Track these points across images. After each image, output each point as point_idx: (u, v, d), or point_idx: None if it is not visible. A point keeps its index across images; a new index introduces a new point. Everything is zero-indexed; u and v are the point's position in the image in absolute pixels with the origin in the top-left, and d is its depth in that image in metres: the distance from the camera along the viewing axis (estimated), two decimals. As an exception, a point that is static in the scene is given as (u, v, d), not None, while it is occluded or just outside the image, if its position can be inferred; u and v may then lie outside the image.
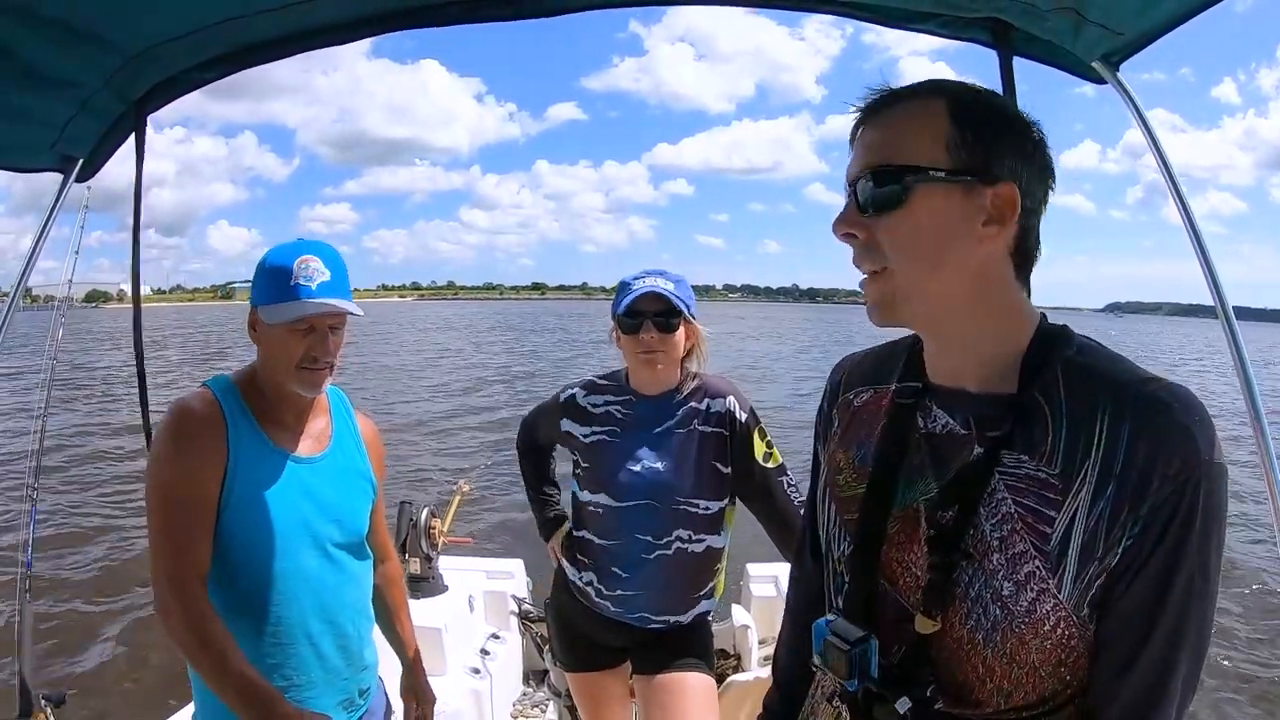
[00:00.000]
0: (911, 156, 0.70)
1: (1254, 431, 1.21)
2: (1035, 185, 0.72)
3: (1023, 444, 0.70)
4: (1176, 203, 1.30)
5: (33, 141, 1.41)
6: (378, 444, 1.48)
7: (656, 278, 1.63)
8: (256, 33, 1.38)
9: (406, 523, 2.93)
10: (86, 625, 5.13)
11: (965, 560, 0.71)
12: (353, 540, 1.36)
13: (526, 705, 2.98)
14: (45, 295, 3.61)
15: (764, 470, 1.64)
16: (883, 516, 0.78)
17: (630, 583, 1.65)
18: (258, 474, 1.24)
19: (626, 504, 1.63)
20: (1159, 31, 1.26)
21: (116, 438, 11.40)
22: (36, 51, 1.16)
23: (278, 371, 1.26)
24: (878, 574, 0.78)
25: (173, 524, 1.17)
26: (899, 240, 0.71)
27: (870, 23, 1.49)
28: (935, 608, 0.72)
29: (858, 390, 0.90)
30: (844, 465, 0.87)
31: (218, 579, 1.21)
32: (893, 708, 0.73)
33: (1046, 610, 0.67)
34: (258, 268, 1.27)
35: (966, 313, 0.73)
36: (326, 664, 1.30)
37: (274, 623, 1.24)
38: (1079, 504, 0.66)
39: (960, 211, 0.69)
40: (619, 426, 1.69)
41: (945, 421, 0.76)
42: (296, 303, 1.22)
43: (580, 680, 1.86)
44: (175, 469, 1.18)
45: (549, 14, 1.44)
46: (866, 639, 0.75)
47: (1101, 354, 0.72)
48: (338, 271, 1.27)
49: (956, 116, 0.70)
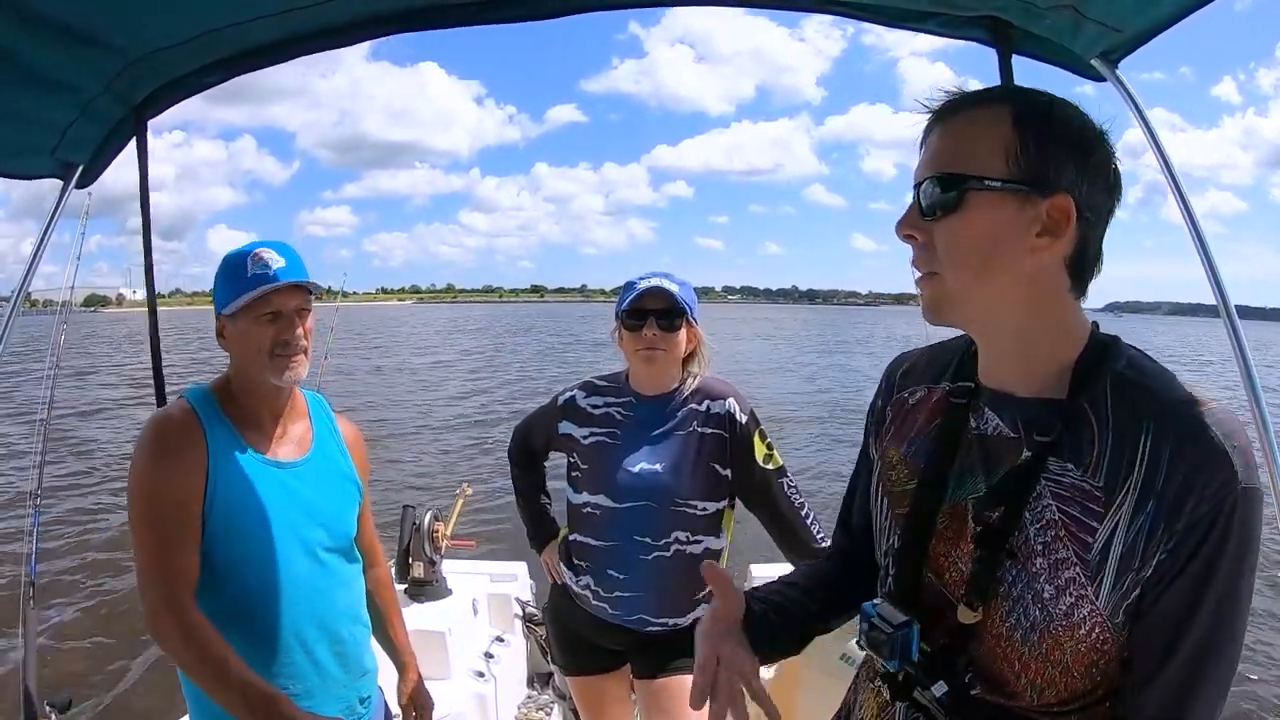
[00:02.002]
0: (971, 164, 0.71)
1: (1258, 433, 1.20)
2: (1097, 197, 0.72)
3: (1070, 452, 0.72)
4: (1177, 199, 1.30)
5: (32, 147, 1.41)
6: (360, 446, 1.47)
7: (662, 279, 1.64)
8: (256, 37, 1.38)
9: (410, 526, 2.93)
10: (91, 631, 5.13)
11: (1010, 560, 0.73)
12: (341, 544, 1.36)
13: (531, 708, 2.97)
14: (45, 300, 3.62)
15: (764, 472, 1.64)
16: (933, 512, 0.81)
17: (628, 584, 1.64)
18: (240, 481, 1.23)
19: (625, 505, 1.63)
20: (1158, 28, 1.26)
21: (124, 444, 11.41)
22: (36, 56, 1.16)
23: (252, 367, 1.26)
24: (925, 566, 0.81)
25: (158, 536, 1.17)
26: (952, 245, 0.72)
27: (869, 22, 1.49)
28: (977, 600, 0.74)
29: (912, 389, 0.92)
30: (896, 461, 0.89)
31: (206, 588, 1.20)
32: (930, 691, 0.76)
33: (1083, 615, 0.70)
34: (216, 276, 1.28)
35: (1017, 320, 0.74)
36: (323, 671, 1.29)
37: (266, 631, 1.23)
38: (1120, 517, 0.68)
39: (1014, 221, 0.70)
40: (618, 428, 1.69)
41: (996, 423, 0.78)
42: (258, 286, 1.23)
43: (581, 684, 1.86)
44: (156, 481, 1.18)
45: (548, 16, 1.44)
46: (909, 624, 0.78)
47: (1150, 369, 0.73)
48: (292, 259, 1.27)
49: (1019, 125, 0.70)
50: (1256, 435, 1.20)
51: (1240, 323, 1.25)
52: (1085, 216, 0.71)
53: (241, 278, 1.24)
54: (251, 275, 1.23)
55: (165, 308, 1.92)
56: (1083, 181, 0.70)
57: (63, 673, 4.48)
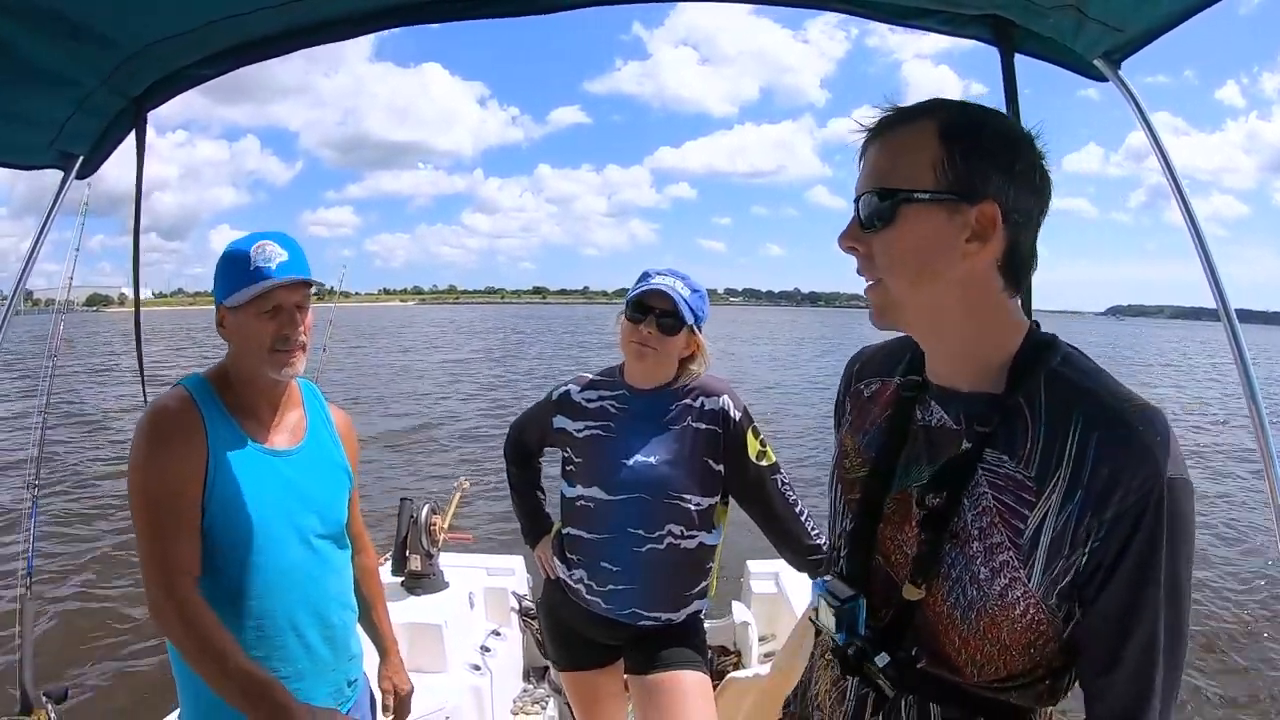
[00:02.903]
0: (901, 178, 0.75)
1: (1255, 433, 1.21)
2: (1024, 200, 0.75)
3: (1005, 444, 0.76)
4: (1177, 199, 1.30)
5: (32, 139, 1.40)
6: (351, 434, 1.50)
7: (676, 280, 1.64)
8: (256, 29, 1.38)
9: (407, 520, 2.94)
10: (88, 622, 5.13)
11: (951, 541, 0.78)
12: (334, 531, 1.38)
13: (527, 701, 2.98)
14: (46, 299, 3.62)
15: (758, 469, 1.65)
16: (881, 498, 0.86)
17: (621, 577, 1.65)
18: (238, 469, 1.24)
19: (618, 497, 1.63)
20: (1160, 29, 1.25)
21: (119, 435, 11.41)
22: (35, 48, 1.15)
23: (251, 359, 1.27)
24: (874, 549, 0.86)
25: (159, 525, 1.18)
26: (888, 256, 0.78)
27: (871, 19, 1.48)
28: (921, 578, 0.79)
29: (868, 381, 0.97)
30: (850, 450, 0.94)
31: (206, 573, 1.21)
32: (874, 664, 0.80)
33: (1017, 596, 0.74)
34: (218, 266, 1.27)
35: (955, 320, 0.79)
36: (314, 655, 1.32)
37: (260, 616, 1.25)
38: (1050, 506, 0.73)
39: (944, 229, 0.75)
40: (613, 421, 1.69)
41: (940, 416, 0.83)
42: (261, 282, 1.23)
43: (574, 679, 1.86)
44: (156, 470, 1.18)
45: (549, 10, 1.43)
46: (856, 598, 0.84)
47: (1083, 367, 0.77)
48: (295, 252, 1.28)
49: (945, 137, 0.75)
50: (1255, 436, 1.21)
51: (1240, 326, 1.25)
52: (1013, 219, 0.75)
53: (244, 270, 1.24)
54: (254, 268, 1.24)
55: (167, 307, 1.93)
56: (1009, 187, 0.74)
57: (59, 665, 4.49)
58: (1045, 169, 0.77)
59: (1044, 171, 0.77)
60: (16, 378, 15.22)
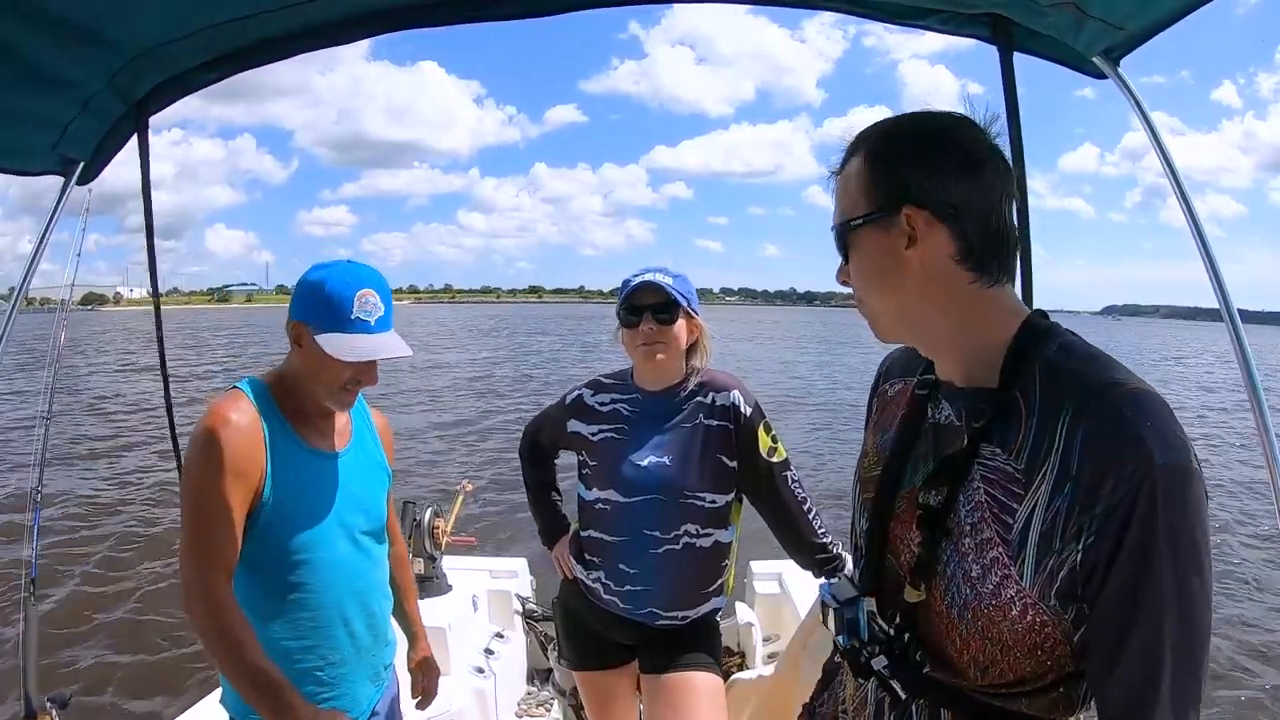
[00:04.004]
0: (846, 212, 0.81)
1: (1259, 434, 1.20)
2: (953, 189, 0.75)
3: (999, 438, 0.75)
4: (1178, 197, 1.29)
5: (33, 143, 1.41)
6: (388, 434, 1.58)
7: (656, 273, 1.65)
8: (257, 33, 1.38)
9: (410, 523, 2.94)
10: (92, 627, 5.13)
11: (946, 539, 0.77)
12: (376, 527, 1.45)
13: (531, 704, 2.98)
14: (42, 299, 3.63)
15: (769, 465, 1.65)
16: (891, 497, 0.86)
17: (639, 578, 1.65)
18: (295, 474, 1.30)
19: (634, 499, 1.64)
20: (1159, 26, 1.25)
21: (124, 438, 11.42)
22: (37, 52, 1.16)
23: (319, 389, 1.33)
24: (886, 549, 0.86)
25: (208, 528, 1.21)
26: (858, 280, 0.84)
27: (870, 19, 1.48)
28: (920, 579, 0.79)
29: (893, 381, 0.99)
30: (870, 449, 0.96)
31: (262, 571, 1.27)
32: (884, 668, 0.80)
33: (1010, 595, 0.72)
34: (311, 287, 1.29)
35: (930, 320, 0.80)
36: (358, 642, 1.39)
37: (313, 608, 1.32)
38: (1038, 499, 0.70)
39: (883, 244, 0.78)
40: (626, 423, 1.70)
41: (947, 413, 0.83)
42: (363, 339, 1.28)
43: (588, 679, 1.86)
44: (215, 477, 1.21)
45: (548, 13, 1.43)
46: (855, 600, 0.84)
47: (1078, 354, 0.74)
48: (388, 303, 1.34)
49: (869, 160, 0.79)
50: (1258, 434, 1.20)
51: (1243, 325, 1.24)
52: (946, 212, 0.75)
53: (344, 317, 1.27)
54: (355, 319, 1.28)
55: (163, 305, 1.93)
56: (927, 184, 0.75)
57: (63, 669, 4.49)
58: (980, 149, 0.76)
59: (978, 154, 0.76)
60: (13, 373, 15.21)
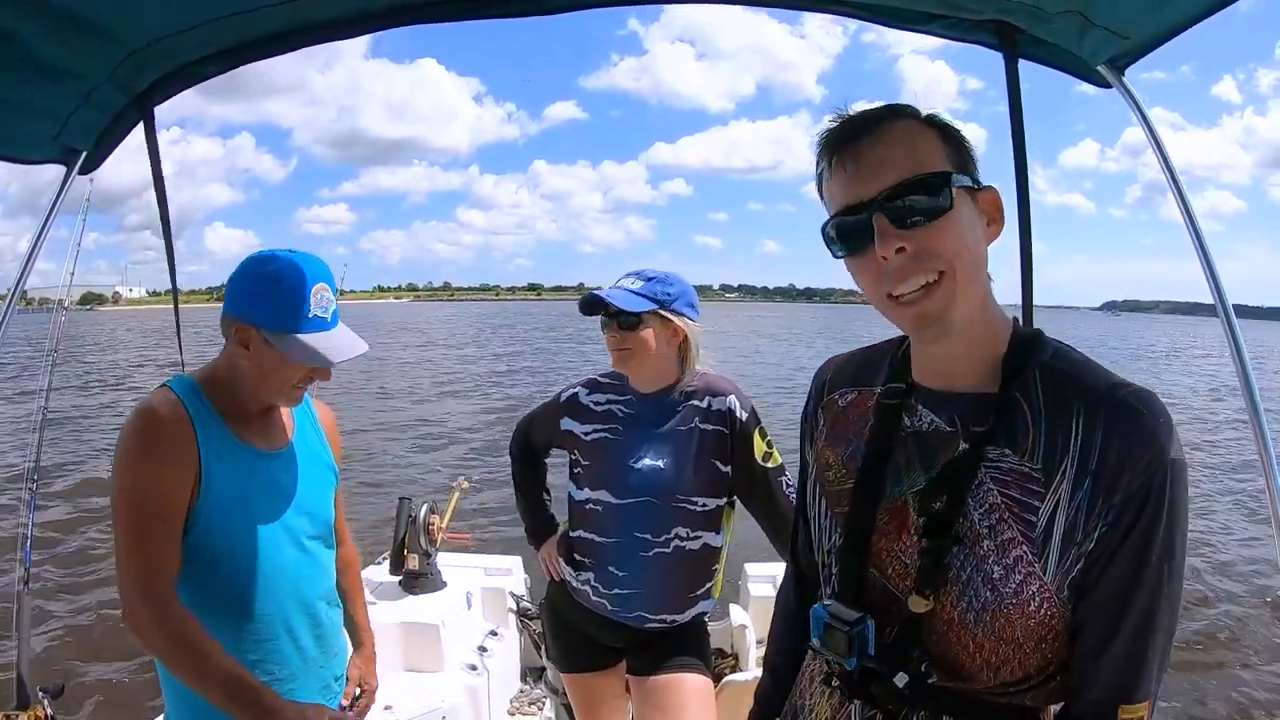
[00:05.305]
0: (934, 165, 0.74)
1: (1253, 430, 1.21)
2: None
3: (1005, 439, 0.76)
4: (1179, 205, 1.30)
5: (35, 132, 1.40)
6: (335, 429, 1.49)
7: (627, 278, 1.66)
8: (261, 26, 1.38)
9: (405, 519, 2.94)
10: (85, 617, 5.13)
11: (956, 545, 0.76)
12: (323, 530, 1.38)
13: (524, 702, 2.98)
14: (41, 298, 3.62)
15: (763, 470, 1.64)
16: (872, 509, 0.84)
17: (628, 581, 1.64)
18: (230, 474, 1.22)
19: (626, 501, 1.63)
20: (1165, 36, 1.25)
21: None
22: (40, 42, 1.15)
23: (267, 390, 1.26)
24: (868, 563, 0.84)
25: (143, 531, 1.15)
26: (955, 243, 0.73)
27: (874, 23, 1.48)
28: (928, 588, 0.77)
29: (842, 391, 0.96)
30: (833, 462, 0.92)
31: (197, 579, 1.19)
32: (891, 683, 0.78)
33: (1032, 591, 0.74)
34: (259, 283, 1.23)
35: (974, 315, 0.78)
36: (305, 655, 1.31)
37: (254, 619, 1.24)
38: (1060, 495, 0.73)
39: (972, 215, 0.76)
40: (620, 424, 1.69)
41: (931, 419, 0.82)
42: (322, 339, 1.22)
43: (576, 681, 1.86)
44: (144, 475, 1.15)
45: (549, 12, 1.43)
46: (863, 620, 0.81)
47: (1074, 359, 0.79)
48: (335, 293, 1.28)
49: (936, 130, 0.77)
50: (1253, 433, 1.21)
51: (1237, 321, 1.25)
52: None
53: (299, 314, 1.21)
54: (312, 318, 1.22)
55: (161, 305, 1.92)
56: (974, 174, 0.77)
57: (56, 659, 4.48)
58: None
59: None
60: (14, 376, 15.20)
